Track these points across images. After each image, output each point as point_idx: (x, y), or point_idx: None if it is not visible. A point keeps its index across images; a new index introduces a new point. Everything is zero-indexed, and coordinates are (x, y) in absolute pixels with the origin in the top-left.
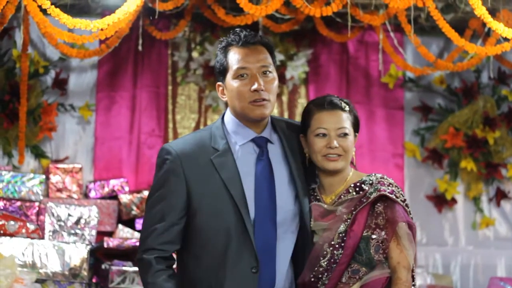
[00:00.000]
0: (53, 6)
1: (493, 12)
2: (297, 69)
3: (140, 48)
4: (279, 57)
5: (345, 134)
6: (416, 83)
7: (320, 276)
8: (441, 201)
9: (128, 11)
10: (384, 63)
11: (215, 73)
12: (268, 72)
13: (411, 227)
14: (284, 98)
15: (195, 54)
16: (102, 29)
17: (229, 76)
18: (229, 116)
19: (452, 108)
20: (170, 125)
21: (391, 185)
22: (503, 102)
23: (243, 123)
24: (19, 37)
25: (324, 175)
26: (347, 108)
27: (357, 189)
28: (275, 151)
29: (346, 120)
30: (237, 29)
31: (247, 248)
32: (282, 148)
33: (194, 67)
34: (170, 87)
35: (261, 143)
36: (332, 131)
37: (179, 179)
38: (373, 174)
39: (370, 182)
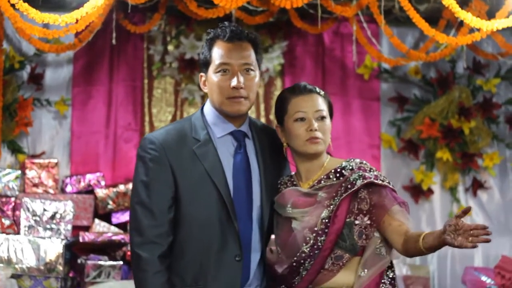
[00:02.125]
0: (21, 0)
1: (465, 2)
2: (272, 61)
3: (114, 41)
4: None
5: (323, 117)
6: (392, 74)
7: (302, 262)
8: (417, 192)
9: (96, 5)
10: (360, 54)
11: (199, 64)
12: (250, 70)
13: (404, 204)
14: (260, 91)
15: (170, 48)
16: (71, 24)
17: (211, 69)
18: (209, 108)
19: (427, 98)
20: (147, 118)
21: (372, 170)
22: (478, 92)
23: (222, 116)
24: None
25: (301, 161)
26: (321, 92)
27: (337, 174)
28: (250, 146)
29: (323, 103)
30: (226, 23)
31: (231, 235)
32: (256, 144)
33: (169, 61)
34: (146, 81)
35: (239, 137)
36: (311, 114)
37: (165, 168)
38: (351, 159)
39: (350, 167)
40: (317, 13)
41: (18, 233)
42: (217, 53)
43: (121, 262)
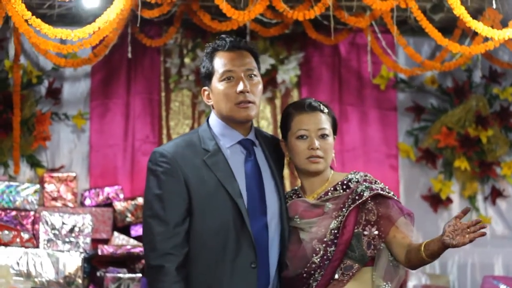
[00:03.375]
0: (34, 16)
1: (479, 11)
2: (289, 72)
3: (129, 55)
4: (270, 61)
5: (325, 135)
6: (408, 84)
7: (312, 272)
8: (436, 201)
9: (108, 19)
10: (376, 64)
11: (201, 78)
12: (253, 75)
13: (409, 216)
14: (277, 102)
15: (187, 60)
16: (84, 39)
17: (215, 79)
18: (215, 120)
19: (444, 107)
20: (164, 131)
21: (377, 182)
22: (495, 101)
23: (230, 125)
24: (11, 47)
25: (305, 177)
26: (325, 110)
27: (344, 186)
28: (259, 153)
29: (326, 122)
30: (223, 35)
31: (246, 243)
32: (264, 152)
33: (186, 73)
34: (163, 94)
35: (247, 145)
36: (313, 132)
37: (178, 179)
38: (356, 172)
39: (356, 180)
40: (330, 24)
41: (37, 246)
42: (220, 63)
43: (140, 275)
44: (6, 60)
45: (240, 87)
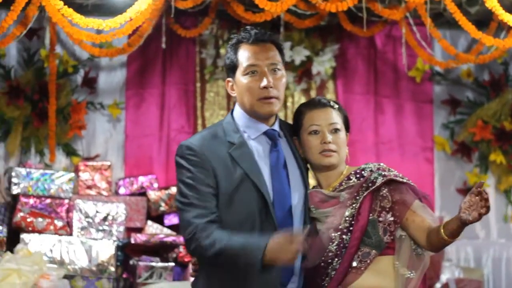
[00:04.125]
0: (66, 6)
1: None
2: (324, 64)
3: (163, 46)
4: (305, 52)
5: (337, 130)
6: (444, 77)
7: (330, 261)
8: None
9: (140, 9)
10: (412, 57)
11: (225, 70)
12: (277, 69)
13: (425, 199)
14: (313, 93)
15: (222, 51)
16: (115, 29)
17: (239, 72)
18: (239, 112)
19: (480, 101)
20: (199, 121)
21: (390, 170)
22: None
23: (254, 118)
24: (47, 37)
25: (319, 172)
26: (336, 106)
27: (358, 175)
28: (284, 144)
29: (337, 117)
30: (248, 27)
31: (270, 234)
32: (289, 142)
33: (221, 64)
34: (198, 84)
35: (273, 136)
36: (325, 127)
37: (208, 172)
38: (370, 163)
39: (369, 169)
40: (368, 16)
41: (71, 234)
42: (244, 56)
43: (172, 264)
44: (42, 50)
45: (264, 82)
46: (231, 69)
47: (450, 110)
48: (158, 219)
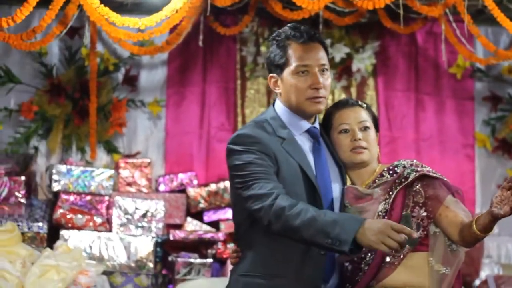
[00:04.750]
0: (102, 5)
1: None
2: (364, 61)
3: (200, 43)
4: (345, 50)
5: (367, 128)
6: (485, 73)
7: (363, 256)
8: None
9: (175, 8)
10: (453, 53)
11: (269, 66)
12: (325, 69)
13: (458, 194)
14: (353, 90)
15: (263, 49)
16: (151, 27)
17: (288, 70)
18: (282, 109)
19: None
20: (239, 119)
21: (423, 166)
22: None
23: (297, 115)
24: (87, 36)
25: (352, 170)
26: (364, 105)
27: (391, 172)
28: (323, 142)
29: (366, 115)
30: (296, 24)
31: None
32: (325, 140)
33: (262, 62)
34: (239, 82)
35: (315, 134)
36: (354, 125)
37: (271, 158)
38: (402, 160)
39: (402, 165)
40: (407, 13)
41: (110, 230)
42: (295, 55)
43: (211, 260)
44: (83, 48)
45: (315, 83)
46: (278, 66)
47: (491, 107)
48: (198, 215)
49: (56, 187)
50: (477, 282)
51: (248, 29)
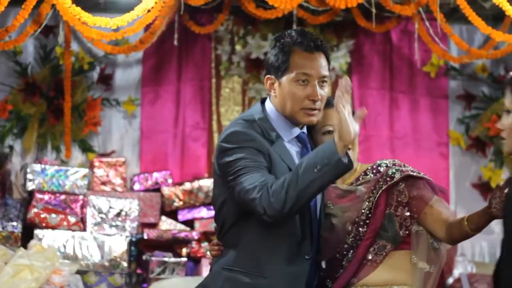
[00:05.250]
0: (74, 5)
1: None
2: (338, 60)
3: (175, 42)
4: None
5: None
6: (459, 72)
7: (345, 253)
8: (486, 189)
9: (147, 7)
10: (427, 52)
11: (268, 66)
12: (325, 82)
13: (442, 193)
14: (328, 89)
15: (238, 47)
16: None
17: (287, 77)
18: (273, 111)
19: (496, 96)
20: (214, 117)
21: (406, 166)
22: None
23: (289, 122)
24: (61, 35)
25: None
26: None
27: (374, 171)
28: (310, 147)
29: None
30: (303, 30)
31: (307, 234)
32: (310, 142)
33: (237, 60)
34: (213, 80)
35: (304, 140)
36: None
37: (265, 155)
38: (384, 160)
39: (385, 164)
40: (381, 12)
41: (84, 230)
42: (298, 62)
43: (185, 259)
44: (57, 47)
45: (313, 94)
46: (279, 69)
47: (465, 105)
48: (172, 214)
49: (30, 186)
50: (450, 280)
51: (223, 28)
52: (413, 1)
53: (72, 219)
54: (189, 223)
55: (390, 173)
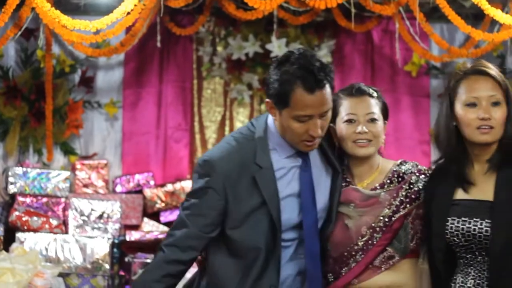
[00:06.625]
0: (53, 8)
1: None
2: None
3: (158, 44)
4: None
5: (374, 120)
6: (441, 71)
7: (354, 253)
8: None
9: (126, 10)
10: (409, 51)
11: (268, 90)
12: (326, 114)
13: None
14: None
15: (219, 49)
16: (102, 30)
17: (288, 112)
18: (273, 131)
19: None
20: (196, 118)
21: (428, 171)
22: None
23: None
24: (42, 38)
25: (353, 163)
26: (375, 94)
27: (399, 178)
28: (313, 152)
29: (374, 106)
30: (304, 58)
31: (273, 267)
32: (322, 144)
33: (218, 61)
34: (195, 81)
35: (302, 155)
36: (361, 116)
37: (220, 197)
38: (405, 161)
39: (410, 170)
40: (362, 12)
41: (66, 232)
42: (298, 103)
43: None
44: (38, 50)
45: (313, 132)
46: (279, 102)
47: None
48: (155, 216)
49: (12, 189)
50: None
51: (204, 29)
52: (393, 0)
53: (54, 222)
54: (171, 225)
55: (416, 185)
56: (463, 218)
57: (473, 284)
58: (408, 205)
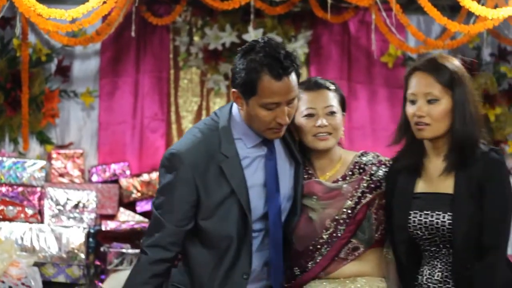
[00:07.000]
0: None
1: None
2: (296, 50)
3: (133, 34)
4: (278, 39)
5: (333, 112)
6: None
7: (319, 247)
8: None
9: None
10: (385, 42)
11: (234, 80)
12: (293, 103)
13: None
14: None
15: (196, 39)
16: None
17: (255, 101)
18: (239, 121)
19: None
20: (173, 108)
21: (389, 162)
22: (503, 79)
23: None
24: (18, 26)
25: (315, 157)
26: (332, 87)
27: (361, 170)
28: (277, 142)
29: (333, 99)
30: (269, 45)
31: (245, 254)
32: (282, 140)
33: (195, 51)
34: (172, 71)
35: (268, 143)
36: (320, 110)
37: (190, 189)
38: (366, 153)
39: (371, 162)
40: (338, 3)
41: (42, 222)
42: (265, 91)
43: None
44: (14, 39)
45: (281, 119)
46: (245, 91)
47: None
48: (131, 206)
49: None
50: None
51: (181, 19)
52: None
53: (30, 211)
54: (147, 215)
55: (376, 176)
56: (425, 212)
57: (440, 276)
58: (369, 194)
